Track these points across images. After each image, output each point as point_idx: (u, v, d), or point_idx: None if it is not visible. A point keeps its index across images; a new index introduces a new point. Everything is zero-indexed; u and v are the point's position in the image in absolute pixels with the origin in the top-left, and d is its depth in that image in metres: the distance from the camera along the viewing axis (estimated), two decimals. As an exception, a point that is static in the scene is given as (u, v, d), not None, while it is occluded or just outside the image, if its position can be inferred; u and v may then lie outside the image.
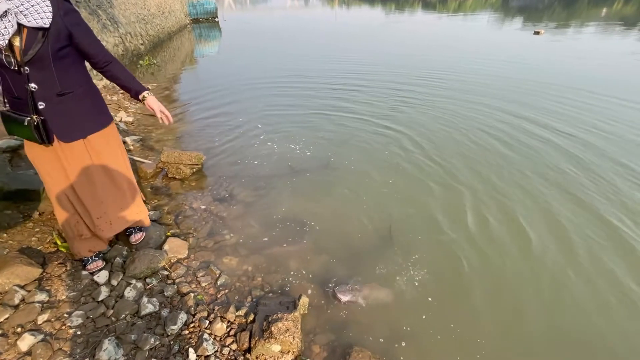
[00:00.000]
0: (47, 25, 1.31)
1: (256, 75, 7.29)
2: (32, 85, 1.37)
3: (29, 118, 1.40)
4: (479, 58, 8.42)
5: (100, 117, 1.64)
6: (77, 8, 1.52)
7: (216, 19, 17.70)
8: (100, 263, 1.92)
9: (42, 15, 1.30)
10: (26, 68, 1.34)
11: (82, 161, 1.60)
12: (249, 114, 4.92)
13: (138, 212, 1.97)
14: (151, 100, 1.68)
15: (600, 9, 21.22)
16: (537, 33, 11.67)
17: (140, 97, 1.65)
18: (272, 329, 1.57)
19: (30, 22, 1.28)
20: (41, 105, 1.42)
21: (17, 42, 1.30)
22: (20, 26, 1.29)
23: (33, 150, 1.55)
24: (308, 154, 3.71)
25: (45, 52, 1.35)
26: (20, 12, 1.26)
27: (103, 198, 1.72)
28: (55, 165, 1.57)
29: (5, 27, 1.24)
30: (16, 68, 1.32)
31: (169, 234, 2.35)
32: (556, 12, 20.52)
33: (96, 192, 1.68)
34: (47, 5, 1.32)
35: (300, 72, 7.47)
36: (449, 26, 15.69)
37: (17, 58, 1.31)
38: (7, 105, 1.48)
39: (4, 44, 1.26)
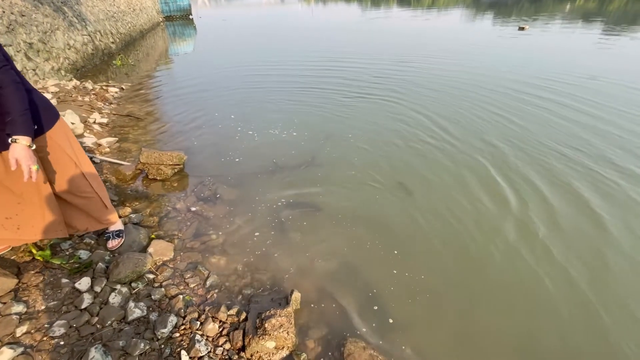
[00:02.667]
0: None
1: (232, 71, 7.24)
2: None
3: None
4: (475, 55, 8.63)
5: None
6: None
7: (190, 17, 17.22)
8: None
9: None
10: None
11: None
12: (226, 110, 4.89)
13: (62, 227, 1.79)
14: (13, 148, 1.33)
15: (564, 4, 22.24)
16: (521, 29, 11.82)
17: (10, 139, 1.34)
18: (266, 325, 1.56)
19: None
20: None
21: None
22: None
23: None
24: (291, 146, 3.72)
25: None
26: None
27: (14, 201, 1.60)
28: None
29: None
30: None
31: (152, 236, 2.28)
32: (524, 7, 21.31)
33: (7, 194, 1.57)
34: None
35: (273, 66, 7.50)
36: (435, 24, 15.96)
37: None
38: None
39: None
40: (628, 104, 4.74)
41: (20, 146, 1.34)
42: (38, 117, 1.52)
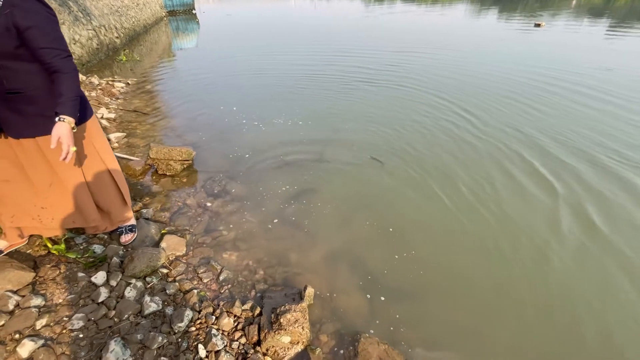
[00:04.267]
0: None
1: (236, 66, 7.26)
2: None
3: None
4: (494, 53, 8.56)
5: (51, 123, 1.48)
6: (47, 7, 1.38)
7: (193, 11, 17.14)
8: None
9: None
10: None
11: (33, 156, 1.54)
12: (231, 104, 4.93)
13: (97, 217, 1.83)
14: (59, 127, 1.39)
15: (570, 0, 22.01)
16: (537, 25, 11.60)
17: (57, 118, 1.40)
18: (281, 320, 1.58)
19: None
20: None
21: None
22: None
23: None
24: (297, 137, 3.76)
25: None
26: None
27: (48, 195, 1.63)
28: (5, 149, 1.51)
29: None
30: None
31: (164, 231, 2.29)
32: (529, 3, 21.10)
33: (42, 188, 1.60)
34: None
35: (276, 60, 7.54)
36: (448, 20, 15.82)
37: None
38: None
39: None
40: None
41: (66, 125, 1.40)
42: (81, 107, 1.58)
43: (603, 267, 2.15)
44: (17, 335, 1.42)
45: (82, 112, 1.62)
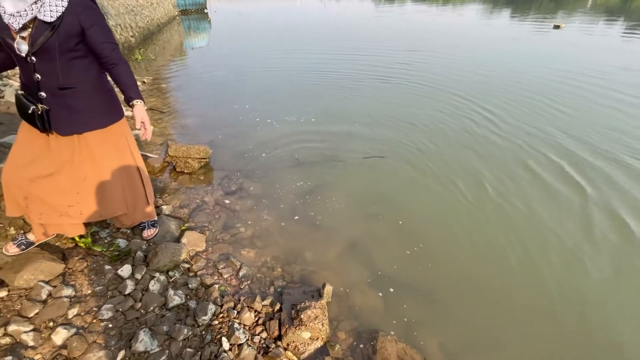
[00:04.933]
0: (50, 21, 1.31)
1: (247, 64, 7.36)
2: (37, 75, 1.39)
3: (33, 107, 1.43)
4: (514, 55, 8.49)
5: (100, 117, 1.61)
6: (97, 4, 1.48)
7: (205, 11, 17.30)
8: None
9: (52, 9, 1.30)
10: (33, 58, 1.35)
11: (69, 151, 1.59)
12: (244, 102, 5.01)
13: (123, 206, 1.88)
14: (137, 109, 1.59)
15: (585, 0, 21.62)
16: (557, 27, 11.31)
17: (130, 103, 1.59)
18: (302, 316, 1.61)
19: (41, 14, 1.29)
20: (42, 95, 1.44)
21: (26, 32, 1.31)
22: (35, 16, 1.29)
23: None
24: (311, 139, 3.81)
25: (52, 45, 1.35)
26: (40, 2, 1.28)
27: (80, 190, 1.68)
28: (40, 142, 1.56)
29: (25, 12, 1.27)
30: (24, 56, 1.34)
31: (184, 227, 2.35)
32: (544, 3, 20.80)
33: (76, 182, 1.65)
34: (61, 1, 1.31)
35: (287, 58, 7.59)
36: (462, 20, 15.71)
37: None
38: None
39: (17, 28, 1.28)
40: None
41: (143, 107, 1.60)
42: (117, 104, 1.69)
43: None
44: (51, 324, 1.49)
45: (119, 109, 1.71)
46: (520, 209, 2.69)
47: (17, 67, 1.46)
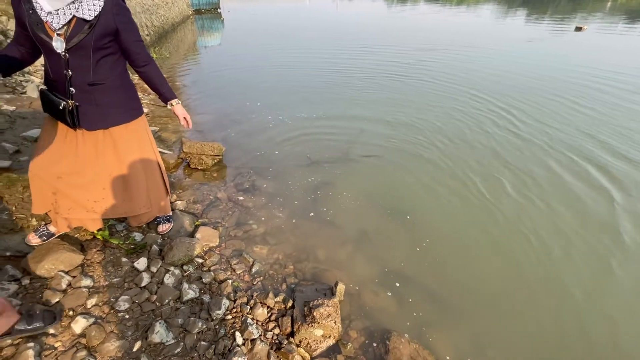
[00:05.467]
0: (90, 19, 1.34)
1: (259, 62, 7.44)
2: (69, 71, 1.42)
3: (64, 103, 1.45)
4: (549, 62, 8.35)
5: (126, 112, 1.65)
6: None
7: (219, 10, 17.49)
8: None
9: (90, 8, 1.33)
10: (66, 54, 1.38)
11: (95, 146, 1.63)
12: (256, 100, 5.05)
13: (148, 204, 1.91)
14: (178, 108, 1.80)
15: (605, 2, 21.07)
16: (579, 29, 10.93)
17: (169, 104, 1.76)
18: (315, 314, 1.62)
19: (79, 12, 1.32)
20: (72, 91, 1.46)
21: (62, 30, 1.34)
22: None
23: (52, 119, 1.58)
24: (323, 137, 3.82)
25: (88, 42, 1.38)
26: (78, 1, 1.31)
27: (106, 185, 1.72)
28: (65, 138, 1.60)
29: (64, 10, 1.30)
30: (59, 52, 1.37)
31: (198, 222, 2.38)
32: (561, 4, 20.36)
33: (102, 178, 1.68)
34: (99, 0, 1.34)
35: (300, 57, 7.61)
36: (478, 20, 15.52)
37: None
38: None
39: (56, 27, 1.31)
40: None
41: (180, 106, 1.79)
42: (138, 101, 1.73)
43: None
44: (70, 312, 1.53)
45: (140, 104, 1.75)
46: (542, 209, 2.66)
47: (42, 63, 1.50)
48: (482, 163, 3.30)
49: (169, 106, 1.77)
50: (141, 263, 1.86)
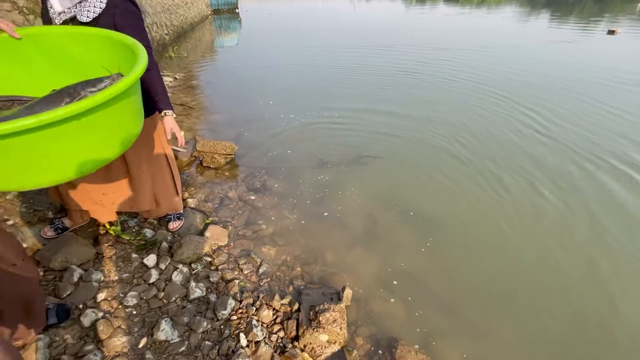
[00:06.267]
0: (85, 20, 1.35)
1: (274, 62, 7.47)
2: None
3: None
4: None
5: None
6: (137, 6, 1.51)
7: (237, 10, 17.71)
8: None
9: (89, 9, 1.35)
10: None
11: None
12: (269, 98, 5.06)
13: (151, 202, 1.93)
14: (167, 120, 1.66)
15: (635, 3, 20.19)
16: (611, 32, 10.37)
17: (162, 113, 1.66)
18: (320, 319, 1.59)
19: (78, 14, 1.34)
20: None
21: None
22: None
23: None
24: (335, 136, 3.79)
25: None
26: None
27: (113, 178, 1.74)
28: None
29: (70, 10, 1.34)
30: None
31: (208, 221, 2.39)
32: (587, 6, 19.64)
33: (109, 171, 1.71)
34: (100, 2, 1.35)
35: (313, 56, 7.59)
36: (501, 22, 15.19)
37: None
38: None
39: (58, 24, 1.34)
40: None
41: (172, 118, 1.66)
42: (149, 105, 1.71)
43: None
44: (80, 305, 1.55)
45: (151, 105, 1.75)
46: (569, 213, 2.55)
47: None
48: (511, 165, 3.20)
49: (162, 114, 1.67)
50: (150, 260, 1.88)
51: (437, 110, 4.60)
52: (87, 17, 1.35)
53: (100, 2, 1.36)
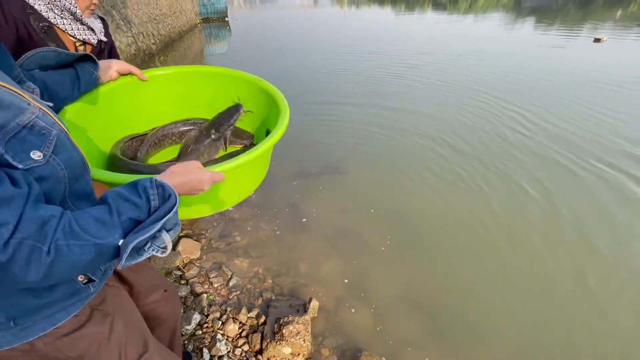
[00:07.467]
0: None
1: (261, 69, 7.48)
2: None
3: None
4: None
5: None
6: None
7: (226, 19, 17.82)
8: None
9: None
10: None
11: None
12: None
13: None
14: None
15: (615, 10, 20.80)
16: (597, 40, 10.44)
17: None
18: (283, 331, 1.61)
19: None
20: None
21: None
22: None
23: None
24: (318, 149, 3.83)
25: None
26: None
27: None
28: None
29: None
30: None
31: (182, 234, 2.41)
32: (570, 13, 20.18)
33: None
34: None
35: (303, 63, 7.69)
36: (488, 31, 15.51)
37: None
38: None
39: None
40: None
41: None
42: None
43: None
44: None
45: None
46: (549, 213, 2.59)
47: None
48: (499, 171, 3.25)
49: None
50: (118, 275, 1.88)
51: (421, 110, 4.68)
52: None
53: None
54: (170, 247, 0.62)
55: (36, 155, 0.55)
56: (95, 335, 0.77)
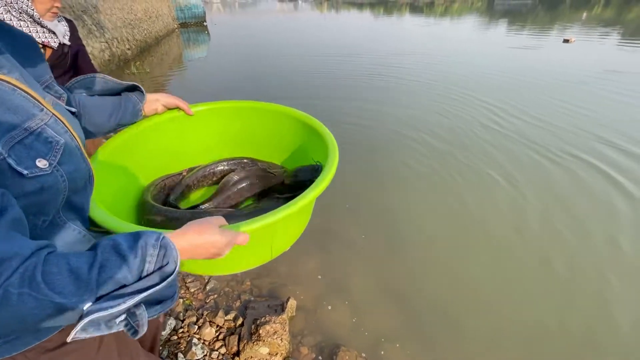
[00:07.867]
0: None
1: (241, 74, 7.48)
2: None
3: None
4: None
5: None
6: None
7: (205, 23, 17.65)
8: None
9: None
10: None
11: None
12: None
13: None
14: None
15: (580, 12, 21.87)
16: (566, 41, 10.83)
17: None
18: (260, 331, 1.61)
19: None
20: None
21: None
22: None
23: None
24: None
25: None
26: None
27: None
28: None
29: None
30: None
31: (157, 240, 2.36)
32: (540, 16, 21.07)
33: None
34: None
35: (283, 66, 7.69)
36: (462, 33, 15.94)
37: None
38: None
39: None
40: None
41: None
42: None
43: None
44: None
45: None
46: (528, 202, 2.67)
47: None
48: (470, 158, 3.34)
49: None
50: (89, 284, 1.82)
51: (399, 107, 4.76)
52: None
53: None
54: (144, 329, 0.49)
55: (42, 163, 0.53)
56: (82, 350, 0.71)
